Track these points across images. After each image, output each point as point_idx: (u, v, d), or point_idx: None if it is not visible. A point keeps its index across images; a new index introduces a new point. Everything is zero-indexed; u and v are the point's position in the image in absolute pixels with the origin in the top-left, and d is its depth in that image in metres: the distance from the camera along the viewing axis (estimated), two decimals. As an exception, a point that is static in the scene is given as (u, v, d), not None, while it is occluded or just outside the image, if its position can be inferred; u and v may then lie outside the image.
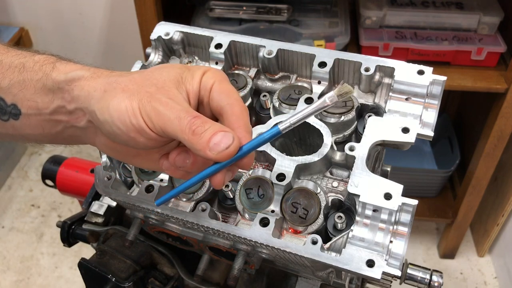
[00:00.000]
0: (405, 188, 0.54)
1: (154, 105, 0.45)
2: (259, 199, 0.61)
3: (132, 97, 0.45)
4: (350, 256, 0.53)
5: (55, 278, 1.77)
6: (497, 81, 1.31)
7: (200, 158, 0.48)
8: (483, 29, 1.36)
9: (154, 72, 0.48)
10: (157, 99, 0.45)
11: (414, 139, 0.58)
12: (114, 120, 0.46)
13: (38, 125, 0.52)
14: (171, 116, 0.44)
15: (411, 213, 0.54)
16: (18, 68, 0.51)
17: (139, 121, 0.45)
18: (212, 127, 0.44)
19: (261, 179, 0.61)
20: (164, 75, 0.48)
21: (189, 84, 0.48)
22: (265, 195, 0.61)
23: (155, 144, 0.47)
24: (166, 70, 0.48)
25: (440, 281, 0.64)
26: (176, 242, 0.73)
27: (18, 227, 1.94)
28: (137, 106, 0.45)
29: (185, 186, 0.51)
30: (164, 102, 0.45)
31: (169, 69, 0.49)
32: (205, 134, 0.44)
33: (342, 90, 0.48)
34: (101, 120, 0.47)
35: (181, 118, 0.44)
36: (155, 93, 0.46)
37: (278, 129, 0.48)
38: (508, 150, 1.46)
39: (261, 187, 0.61)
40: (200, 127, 0.44)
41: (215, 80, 0.48)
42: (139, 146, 0.48)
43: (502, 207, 1.60)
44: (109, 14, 1.96)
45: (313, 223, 0.59)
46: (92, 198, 0.84)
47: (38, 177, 2.09)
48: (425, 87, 0.60)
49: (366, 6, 1.37)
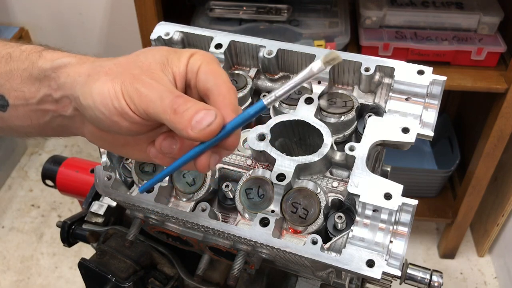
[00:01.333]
0: (405, 188, 0.54)
1: (136, 86, 0.44)
2: (259, 199, 0.61)
3: (115, 80, 0.44)
4: (350, 256, 0.53)
5: (55, 278, 1.77)
6: (497, 81, 1.31)
7: (187, 142, 0.46)
8: (483, 29, 1.36)
9: (140, 55, 0.47)
10: (140, 80, 0.44)
11: (414, 139, 0.58)
12: (96, 104, 0.44)
13: (26, 115, 0.51)
14: (153, 97, 0.43)
15: (411, 213, 0.54)
16: (5, 59, 0.50)
17: (122, 103, 0.44)
18: (194, 105, 0.43)
19: (261, 179, 0.61)
20: (150, 58, 0.47)
21: (176, 66, 0.47)
22: (265, 195, 0.61)
23: (139, 128, 0.46)
24: (152, 53, 0.47)
25: (440, 281, 0.64)
26: (176, 242, 0.73)
27: (18, 227, 1.94)
28: (120, 89, 0.44)
29: (168, 171, 0.48)
30: (147, 83, 0.44)
31: (155, 51, 0.48)
32: (187, 113, 0.42)
33: (328, 57, 0.44)
34: (84, 105, 0.45)
35: (163, 98, 0.43)
36: (139, 75, 0.45)
37: (262, 103, 0.45)
38: (508, 150, 1.46)
39: (261, 187, 0.61)
40: (182, 105, 0.43)
41: (202, 61, 0.47)
42: (123, 131, 0.46)
43: (502, 207, 1.60)
44: (109, 14, 1.96)
45: (313, 223, 0.59)
46: (92, 198, 0.84)
47: (38, 177, 2.09)
48: (425, 87, 0.60)
49: (366, 6, 1.37)
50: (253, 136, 0.62)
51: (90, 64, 0.47)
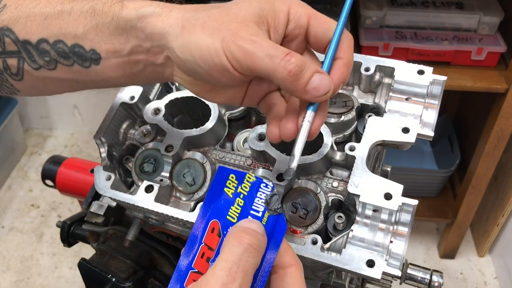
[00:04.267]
0: (405, 188, 0.54)
1: (239, 43, 0.43)
2: (259, 199, 0.61)
3: (214, 36, 0.44)
4: (350, 256, 0.53)
5: (55, 278, 1.77)
6: (497, 81, 1.31)
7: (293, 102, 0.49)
8: (483, 29, 1.36)
9: (232, 7, 0.46)
10: (241, 37, 0.44)
11: (414, 139, 0.58)
12: (196, 59, 0.45)
13: (118, 66, 0.52)
14: (260, 54, 0.43)
15: (411, 213, 0.54)
16: (89, 13, 0.50)
17: (223, 60, 0.44)
18: (309, 68, 0.44)
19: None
20: (244, 10, 0.46)
21: (271, 18, 0.46)
22: (265, 195, 0.61)
23: (236, 82, 0.47)
24: (245, 4, 0.46)
25: (440, 281, 0.64)
26: (176, 242, 0.73)
27: (18, 227, 1.94)
28: (220, 46, 0.44)
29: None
30: (249, 39, 0.43)
31: (248, 3, 0.46)
32: (303, 76, 0.44)
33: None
34: (181, 58, 0.46)
35: (272, 56, 0.43)
36: (237, 30, 0.44)
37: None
38: (508, 150, 1.46)
39: (261, 187, 0.61)
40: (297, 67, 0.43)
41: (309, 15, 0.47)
42: (220, 84, 0.48)
43: (502, 207, 1.60)
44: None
45: (313, 223, 0.59)
46: (92, 198, 0.83)
47: (38, 177, 2.09)
48: (425, 87, 0.60)
49: (366, 6, 1.37)
50: (253, 136, 0.62)
51: (180, 13, 0.47)
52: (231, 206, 0.48)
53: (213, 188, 0.50)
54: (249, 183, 0.50)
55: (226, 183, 0.50)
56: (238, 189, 0.49)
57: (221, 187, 0.49)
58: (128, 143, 0.70)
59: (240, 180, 0.50)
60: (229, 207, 0.48)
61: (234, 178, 0.50)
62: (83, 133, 2.28)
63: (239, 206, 0.48)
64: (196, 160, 0.64)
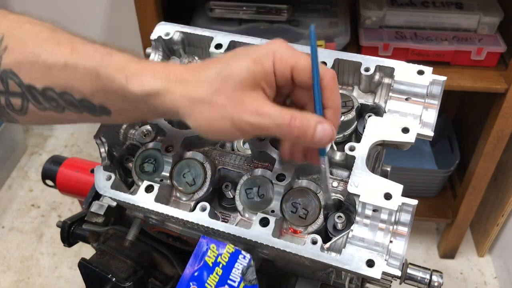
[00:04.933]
0: (405, 188, 0.54)
1: (248, 119, 0.49)
2: (259, 199, 0.61)
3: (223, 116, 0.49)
4: (350, 256, 0.53)
5: (55, 278, 1.77)
6: (497, 81, 1.31)
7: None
8: (483, 29, 1.36)
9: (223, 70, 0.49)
10: (247, 111, 0.49)
11: (414, 139, 0.58)
12: (208, 134, 0.52)
13: (130, 117, 0.56)
14: (268, 126, 0.49)
15: (411, 213, 0.54)
16: (94, 75, 0.51)
17: (236, 135, 0.51)
18: (311, 123, 0.49)
19: (261, 179, 0.61)
20: (236, 76, 0.49)
21: (264, 81, 0.50)
22: (265, 195, 0.61)
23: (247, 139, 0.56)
24: (236, 69, 0.49)
25: (440, 281, 0.64)
26: (176, 242, 0.73)
27: (18, 227, 1.94)
28: (231, 125, 0.49)
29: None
30: (255, 113, 0.48)
31: (239, 68, 0.49)
32: (308, 132, 0.49)
33: None
34: (194, 129, 0.52)
35: (279, 125, 0.49)
36: (242, 106, 0.49)
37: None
38: (508, 150, 1.46)
39: (261, 187, 0.61)
40: (301, 129, 0.48)
41: (291, 67, 0.50)
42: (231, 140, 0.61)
43: (502, 207, 1.60)
44: (109, 14, 1.96)
45: (313, 223, 0.59)
46: (92, 198, 0.83)
47: (38, 177, 2.08)
48: (425, 87, 0.60)
49: (366, 6, 1.37)
50: None
51: (183, 88, 0.50)
52: (210, 274, 0.53)
53: (195, 255, 0.55)
54: (228, 254, 0.55)
55: (208, 252, 0.55)
56: (218, 259, 0.54)
57: (202, 255, 0.55)
58: (128, 143, 0.70)
59: (220, 251, 0.55)
60: (208, 275, 0.53)
61: (215, 248, 0.55)
62: (83, 133, 2.28)
63: (217, 275, 0.53)
64: (196, 160, 0.64)
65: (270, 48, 0.50)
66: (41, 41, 0.52)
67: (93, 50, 0.52)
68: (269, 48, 0.50)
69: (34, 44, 0.52)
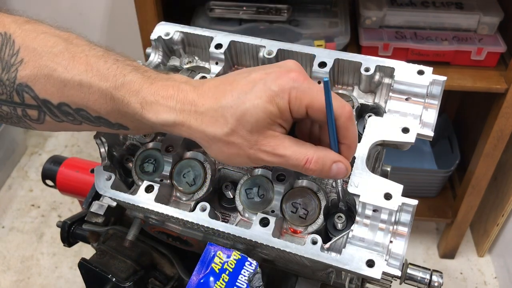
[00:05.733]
0: (405, 188, 0.54)
1: (263, 158, 0.50)
2: (259, 199, 0.61)
3: (241, 154, 0.51)
4: (350, 256, 0.53)
5: (55, 278, 1.77)
6: (497, 81, 1.31)
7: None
8: (483, 29, 1.36)
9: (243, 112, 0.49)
10: (263, 152, 0.50)
11: (414, 139, 0.58)
12: (230, 164, 0.59)
13: (147, 131, 0.59)
14: (285, 165, 0.51)
15: (411, 213, 0.54)
16: (109, 97, 0.52)
17: (254, 165, 0.55)
18: (326, 162, 0.50)
19: (261, 179, 0.61)
20: (252, 118, 0.49)
21: (280, 119, 0.50)
22: (265, 195, 0.61)
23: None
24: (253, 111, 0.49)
25: (440, 281, 0.64)
26: (176, 242, 0.73)
27: (18, 227, 1.94)
28: (249, 161, 0.51)
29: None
30: (271, 152, 0.50)
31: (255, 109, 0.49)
32: (324, 170, 0.51)
33: None
34: (216, 159, 0.56)
35: (295, 165, 0.50)
36: (256, 143, 0.50)
37: None
38: (508, 150, 1.46)
39: (261, 187, 0.61)
40: (317, 169, 0.50)
41: (306, 106, 0.49)
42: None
43: (502, 207, 1.60)
44: (109, 14, 1.96)
45: (313, 223, 0.59)
46: (92, 198, 0.84)
47: (38, 177, 2.09)
48: (425, 87, 0.60)
49: (366, 6, 1.37)
50: None
51: (198, 120, 0.50)
52: (217, 281, 0.54)
53: (202, 262, 0.55)
54: (235, 261, 0.55)
55: (214, 259, 0.55)
56: (225, 266, 0.55)
57: (209, 261, 0.55)
58: (128, 143, 0.70)
59: (227, 257, 0.55)
60: (215, 281, 0.54)
61: (221, 255, 0.56)
62: (83, 133, 2.28)
63: (224, 281, 0.54)
64: (196, 160, 0.64)
65: (286, 84, 0.49)
66: (56, 55, 0.52)
67: (107, 68, 0.52)
68: (284, 84, 0.49)
69: (48, 57, 0.52)
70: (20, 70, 0.52)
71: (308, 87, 0.49)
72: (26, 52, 0.52)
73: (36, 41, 0.53)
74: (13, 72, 0.52)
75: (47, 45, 0.53)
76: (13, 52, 0.52)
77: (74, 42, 0.54)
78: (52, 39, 0.53)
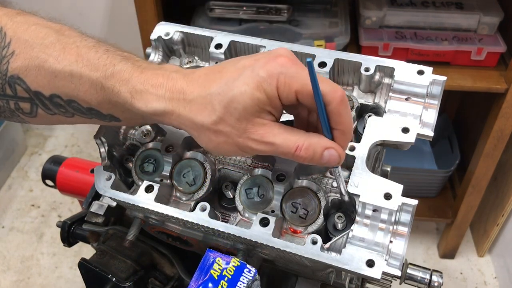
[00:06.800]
0: (405, 188, 0.54)
1: (252, 146, 0.49)
2: (259, 199, 0.61)
3: (230, 142, 0.50)
4: (350, 256, 0.53)
5: (55, 278, 1.77)
6: (497, 81, 1.31)
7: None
8: (483, 29, 1.36)
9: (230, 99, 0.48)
10: (252, 139, 0.49)
11: (414, 139, 0.58)
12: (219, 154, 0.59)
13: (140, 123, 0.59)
14: (274, 152, 0.50)
15: (411, 213, 0.54)
16: (99, 87, 0.52)
17: (243, 154, 0.53)
18: (317, 149, 0.49)
19: (261, 179, 0.61)
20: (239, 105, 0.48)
21: (269, 106, 0.49)
22: (265, 195, 0.61)
23: None
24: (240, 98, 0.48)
25: (440, 281, 0.64)
26: (176, 242, 0.73)
27: (18, 227, 1.94)
28: (238, 149, 0.50)
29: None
30: (260, 140, 0.49)
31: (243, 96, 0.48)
32: (315, 157, 0.49)
33: None
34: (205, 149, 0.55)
35: (285, 153, 0.49)
36: (245, 131, 0.49)
37: None
38: (508, 150, 1.46)
39: (261, 187, 0.61)
40: (307, 156, 0.49)
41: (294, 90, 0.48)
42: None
43: (502, 207, 1.60)
44: (109, 14, 1.96)
45: (313, 223, 0.59)
46: (92, 198, 0.84)
47: (38, 177, 2.09)
48: (425, 87, 0.60)
49: (366, 6, 1.37)
50: None
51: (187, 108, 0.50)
52: (216, 287, 0.54)
53: (201, 268, 0.55)
54: (234, 267, 0.55)
55: (213, 265, 0.55)
56: (224, 272, 0.55)
57: (208, 268, 0.55)
58: (128, 143, 0.70)
59: (226, 264, 0.55)
60: None
61: (220, 262, 0.55)
62: (83, 133, 2.28)
63: None
64: (196, 160, 0.64)
65: (273, 70, 0.47)
66: (47, 46, 0.52)
67: (97, 58, 0.52)
68: (272, 69, 0.48)
69: (40, 48, 0.52)
70: (11, 62, 0.52)
71: (297, 71, 0.48)
72: (17, 44, 0.52)
73: (27, 33, 0.52)
74: (5, 64, 0.52)
75: (38, 36, 0.52)
76: (4, 44, 0.52)
77: (66, 33, 0.54)
78: (43, 30, 0.53)
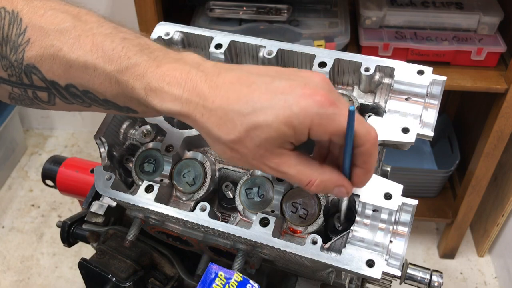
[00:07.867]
0: (405, 188, 0.54)
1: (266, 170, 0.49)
2: (259, 199, 0.61)
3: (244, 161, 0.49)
4: (350, 256, 0.53)
5: (55, 278, 1.77)
6: (497, 81, 1.31)
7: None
8: (483, 29, 1.36)
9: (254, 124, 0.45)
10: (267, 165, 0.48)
11: (414, 139, 0.58)
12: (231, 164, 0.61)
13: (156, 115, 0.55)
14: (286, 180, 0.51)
15: (411, 213, 0.54)
16: (114, 81, 0.49)
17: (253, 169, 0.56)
18: (328, 186, 0.49)
19: (261, 179, 0.61)
20: (262, 134, 0.45)
21: (293, 139, 0.46)
22: (265, 195, 0.61)
23: None
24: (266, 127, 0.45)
25: (440, 281, 0.64)
26: (176, 242, 0.73)
27: (18, 227, 1.94)
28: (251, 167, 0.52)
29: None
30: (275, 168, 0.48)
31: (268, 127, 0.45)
32: (325, 191, 0.50)
33: None
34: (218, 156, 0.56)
35: (298, 183, 0.49)
36: (261, 157, 0.47)
37: None
38: (508, 150, 1.46)
39: (261, 187, 0.61)
40: (318, 191, 0.49)
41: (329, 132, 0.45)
42: None
43: (502, 207, 1.60)
44: (109, 14, 1.96)
45: (313, 223, 0.59)
46: (92, 198, 0.83)
47: (38, 177, 2.09)
48: (425, 87, 0.60)
49: (366, 6, 1.37)
50: None
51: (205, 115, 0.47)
52: None
53: (203, 282, 0.54)
54: (236, 282, 0.54)
55: (215, 280, 0.54)
56: (226, 287, 0.54)
57: (210, 282, 0.54)
58: (128, 143, 0.70)
59: (228, 279, 0.54)
60: None
61: (223, 276, 0.55)
62: (83, 133, 2.28)
63: None
64: (196, 160, 0.64)
65: (309, 108, 0.44)
66: (62, 33, 0.50)
67: (112, 48, 0.49)
68: (308, 108, 0.44)
69: (55, 35, 0.50)
70: (27, 50, 0.50)
71: (333, 112, 0.44)
72: (32, 31, 0.50)
73: (43, 19, 0.50)
74: (20, 53, 0.50)
75: (54, 22, 0.50)
76: (20, 32, 0.50)
77: (83, 18, 0.51)
78: (60, 15, 0.51)
